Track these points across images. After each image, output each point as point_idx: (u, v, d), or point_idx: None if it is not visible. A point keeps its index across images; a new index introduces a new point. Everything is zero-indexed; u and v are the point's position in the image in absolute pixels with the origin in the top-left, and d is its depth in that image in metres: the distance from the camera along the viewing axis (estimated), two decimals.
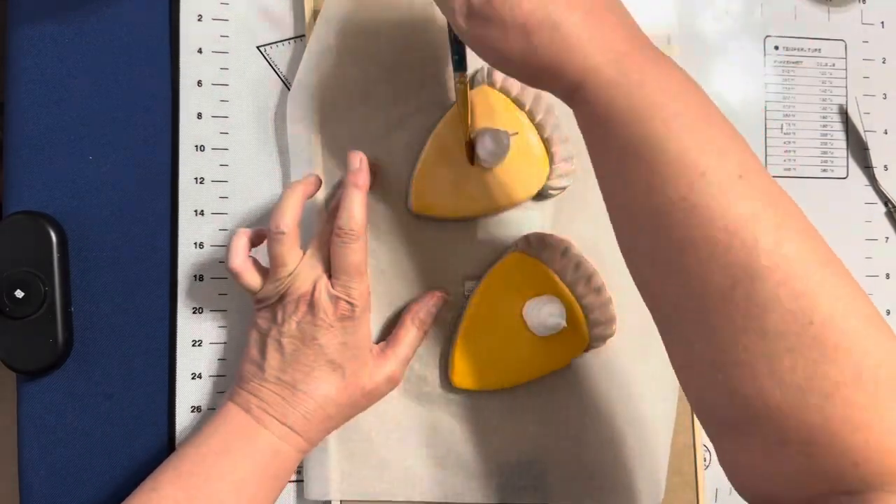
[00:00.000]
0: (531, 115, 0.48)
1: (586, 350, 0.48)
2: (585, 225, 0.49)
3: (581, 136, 0.36)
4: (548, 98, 0.48)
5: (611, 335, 0.48)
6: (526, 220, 0.49)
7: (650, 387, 0.49)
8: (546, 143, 0.48)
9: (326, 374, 0.42)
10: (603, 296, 0.48)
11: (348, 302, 0.42)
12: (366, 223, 0.42)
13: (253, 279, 0.43)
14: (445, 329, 0.48)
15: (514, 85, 0.48)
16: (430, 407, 0.48)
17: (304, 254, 0.43)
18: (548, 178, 0.48)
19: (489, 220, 0.49)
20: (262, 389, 0.42)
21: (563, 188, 0.49)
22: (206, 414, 0.47)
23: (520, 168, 0.48)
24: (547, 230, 0.49)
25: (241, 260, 0.43)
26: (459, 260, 0.49)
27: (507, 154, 0.46)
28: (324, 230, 0.43)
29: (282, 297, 0.42)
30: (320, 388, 0.42)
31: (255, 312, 0.44)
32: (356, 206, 0.42)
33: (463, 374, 0.47)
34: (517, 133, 0.46)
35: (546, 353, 0.47)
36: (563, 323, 0.45)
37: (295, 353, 0.42)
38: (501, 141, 0.45)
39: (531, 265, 0.48)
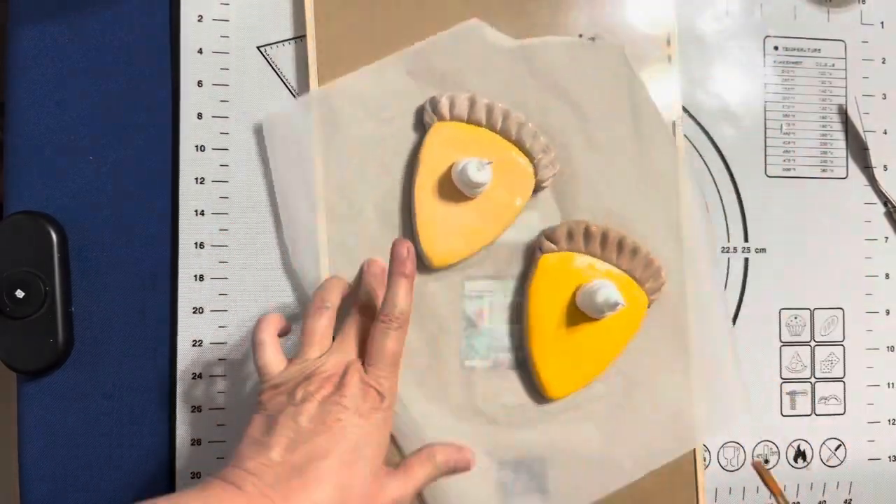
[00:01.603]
0: (492, 127, 0.48)
1: (648, 306, 0.49)
2: (589, 197, 0.50)
3: (546, 120, 0.37)
4: (501, 105, 0.48)
5: (663, 283, 0.49)
6: (536, 220, 0.50)
7: (707, 310, 0.51)
8: (518, 144, 0.48)
9: (341, 467, 0.36)
10: (640, 253, 0.48)
11: (379, 392, 0.39)
12: (410, 312, 0.41)
13: (276, 356, 0.40)
14: (511, 355, 0.49)
15: (462, 110, 0.48)
16: (540, 428, 0.49)
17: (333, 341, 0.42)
18: (535, 175, 0.48)
19: (504, 237, 0.49)
20: (265, 469, 0.35)
21: (553, 175, 0.49)
22: (207, 414, 0.47)
23: (507, 179, 0.48)
24: (557, 219, 0.50)
25: (270, 332, 0.41)
26: (498, 285, 0.49)
27: (490, 178, 0.46)
28: (355, 317, 0.42)
29: (306, 378, 0.39)
30: (332, 479, 0.35)
31: (266, 398, 0.39)
32: (402, 294, 0.40)
33: (555, 384, 0.48)
34: (492, 161, 0.46)
35: (618, 328, 0.48)
36: (622, 301, 0.45)
37: (312, 432, 0.36)
38: (480, 168, 0.45)
39: (564, 259, 0.48)
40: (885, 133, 0.55)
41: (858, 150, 0.55)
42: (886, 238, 0.55)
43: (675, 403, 0.50)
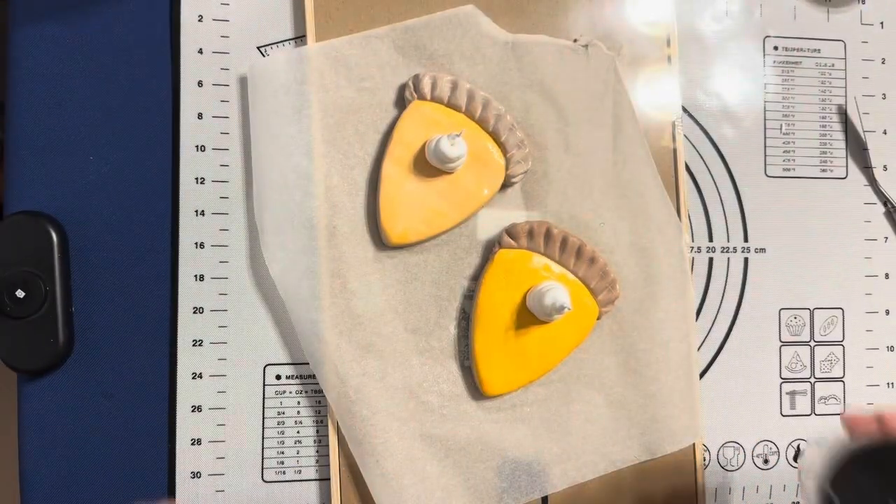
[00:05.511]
0: (470, 115, 0.48)
1: (598, 318, 0.49)
2: (557, 199, 0.49)
3: (526, 117, 0.36)
4: (482, 94, 0.48)
5: (617, 296, 0.49)
6: (500, 215, 0.49)
7: (665, 332, 0.50)
8: (494, 135, 0.48)
9: None
10: (598, 263, 0.48)
11: None
12: None
13: None
14: (455, 345, 0.49)
15: (444, 92, 0.48)
16: (472, 423, 0.48)
17: None
18: (506, 169, 0.48)
19: (465, 227, 0.49)
20: None
21: (524, 172, 0.49)
22: (207, 414, 0.47)
23: (477, 167, 0.48)
24: (522, 217, 0.49)
25: None
26: (451, 275, 0.49)
27: (465, 152, 0.46)
28: None
29: None
30: None
31: None
32: None
33: (493, 381, 0.47)
34: (464, 130, 0.46)
35: (564, 334, 0.48)
36: (569, 305, 0.45)
37: None
38: (453, 142, 0.45)
39: (520, 257, 0.48)
40: (885, 133, 0.55)
41: (858, 150, 0.55)
42: (886, 238, 0.55)
43: (611, 420, 0.49)
